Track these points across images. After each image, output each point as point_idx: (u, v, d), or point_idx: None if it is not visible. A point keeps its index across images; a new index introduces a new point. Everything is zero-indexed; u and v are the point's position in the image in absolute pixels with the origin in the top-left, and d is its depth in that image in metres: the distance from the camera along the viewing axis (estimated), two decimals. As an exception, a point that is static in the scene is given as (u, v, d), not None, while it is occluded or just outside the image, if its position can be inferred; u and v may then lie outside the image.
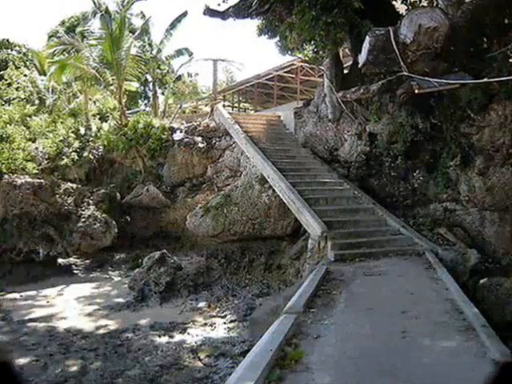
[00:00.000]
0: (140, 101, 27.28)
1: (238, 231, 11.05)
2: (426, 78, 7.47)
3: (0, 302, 10.04)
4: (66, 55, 16.59)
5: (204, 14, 12.29)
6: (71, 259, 13.61)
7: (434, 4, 9.47)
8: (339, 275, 6.44)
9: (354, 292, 5.63)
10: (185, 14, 20.11)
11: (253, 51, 50.57)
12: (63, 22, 24.89)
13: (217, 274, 11.11)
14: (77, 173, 15.36)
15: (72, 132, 15.93)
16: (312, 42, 10.12)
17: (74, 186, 14.00)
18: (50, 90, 18.55)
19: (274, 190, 10.60)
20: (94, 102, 19.58)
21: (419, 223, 9.25)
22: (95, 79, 16.06)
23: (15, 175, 12.90)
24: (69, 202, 13.22)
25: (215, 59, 19.72)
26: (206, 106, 25.84)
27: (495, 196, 8.15)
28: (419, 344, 3.95)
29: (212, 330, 8.11)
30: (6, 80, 18.22)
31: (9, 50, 24.63)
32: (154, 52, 21.14)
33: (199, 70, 55.31)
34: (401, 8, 10.77)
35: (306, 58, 13.63)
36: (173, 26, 20.03)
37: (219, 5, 12.18)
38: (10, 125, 15.13)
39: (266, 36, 12.35)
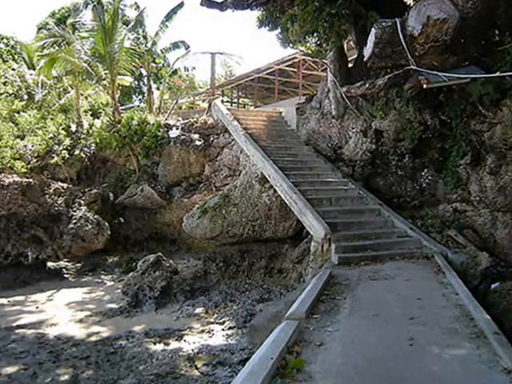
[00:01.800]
0: (134, 96, 27.30)
1: (237, 233, 11.06)
2: (435, 72, 7.47)
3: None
4: (57, 48, 16.57)
5: (201, 4, 12.28)
6: (61, 263, 13.63)
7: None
8: (343, 279, 6.45)
9: (359, 297, 5.63)
10: (181, 5, 20.16)
11: (253, 44, 50.64)
12: (53, 14, 24.95)
13: (215, 279, 11.12)
14: (68, 172, 15.39)
15: (62, 129, 15.96)
16: (315, 35, 10.12)
17: (65, 185, 14.01)
18: (40, 84, 18.58)
19: (274, 190, 10.60)
20: (86, 98, 19.59)
21: (428, 225, 9.25)
22: (87, 73, 16.05)
23: (3, 174, 12.93)
24: (59, 202, 13.22)
25: (213, 52, 19.79)
26: (204, 101, 25.92)
27: (508, 196, 8.13)
28: (427, 352, 3.95)
29: (210, 337, 8.12)
30: (-7, 74, 18.26)
31: (-4, 43, 24.69)
32: (149, 45, 21.17)
33: (196, 63, 55.16)
34: (408, -2, 10.77)
35: (309, 52, 13.66)
36: (168, 17, 20.06)
37: (217, -5, 12.20)
38: (-2, 121, 15.19)
39: (267, 28, 12.39)
